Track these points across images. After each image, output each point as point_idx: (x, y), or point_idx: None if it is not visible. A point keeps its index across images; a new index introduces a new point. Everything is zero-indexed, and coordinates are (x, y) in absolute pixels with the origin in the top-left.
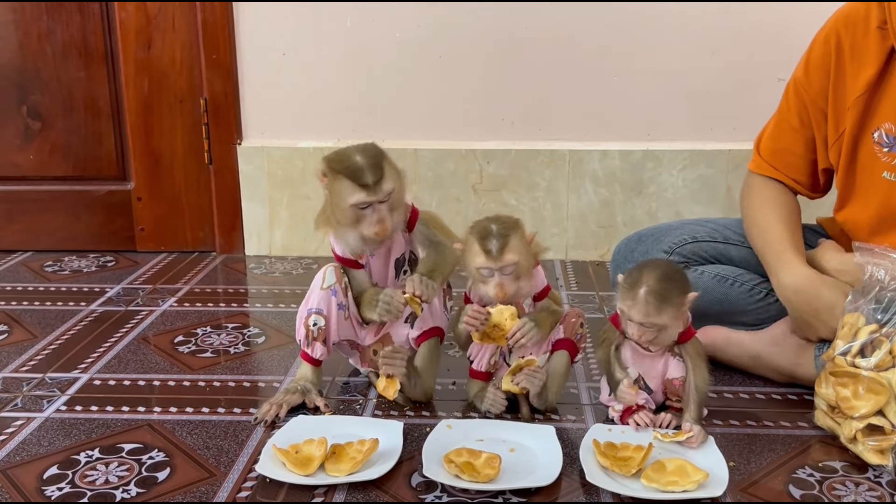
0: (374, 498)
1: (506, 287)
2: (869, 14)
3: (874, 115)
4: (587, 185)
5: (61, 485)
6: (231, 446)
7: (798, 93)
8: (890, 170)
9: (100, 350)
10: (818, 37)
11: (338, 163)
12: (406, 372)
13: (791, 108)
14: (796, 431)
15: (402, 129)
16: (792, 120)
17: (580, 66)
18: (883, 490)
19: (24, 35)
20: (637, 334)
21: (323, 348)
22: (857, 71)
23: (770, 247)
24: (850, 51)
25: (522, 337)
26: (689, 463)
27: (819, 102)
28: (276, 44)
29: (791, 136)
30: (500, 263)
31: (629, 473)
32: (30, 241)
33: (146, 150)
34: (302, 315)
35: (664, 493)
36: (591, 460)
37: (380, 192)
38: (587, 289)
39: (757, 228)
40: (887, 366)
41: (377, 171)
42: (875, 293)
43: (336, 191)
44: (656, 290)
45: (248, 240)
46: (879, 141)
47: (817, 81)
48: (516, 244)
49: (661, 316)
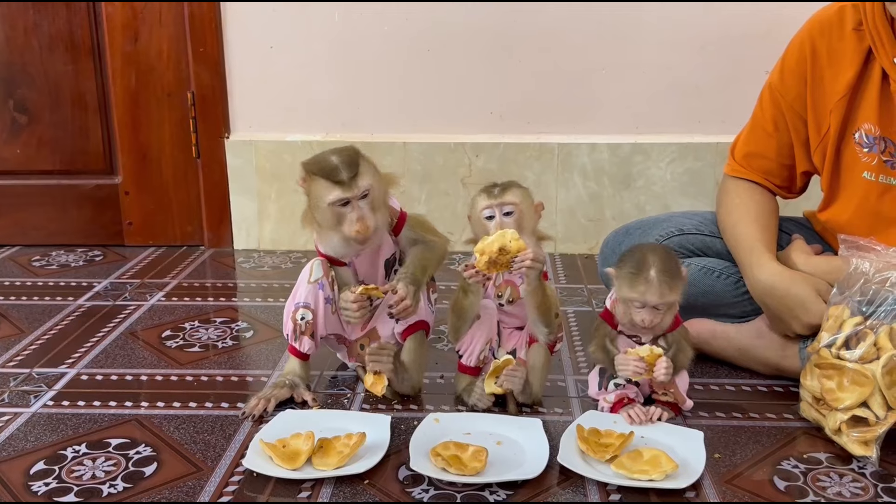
0: (360, 491)
1: (506, 227)
2: (843, 17)
3: (854, 116)
4: (576, 179)
5: (48, 480)
6: (218, 441)
7: (774, 98)
8: (869, 170)
9: (87, 345)
10: (793, 43)
11: (313, 164)
12: (393, 368)
13: (766, 113)
14: (782, 423)
15: (391, 123)
16: (766, 125)
17: (569, 60)
18: (867, 481)
19: (11, 29)
20: (649, 319)
21: (310, 342)
22: (836, 74)
23: (742, 246)
24: (827, 55)
25: (526, 259)
26: (665, 454)
27: (796, 107)
28: (264, 37)
29: (765, 140)
30: (499, 200)
31: (603, 459)
32: (17, 235)
33: (134, 145)
34: (289, 309)
35: (630, 479)
36: (570, 443)
37: (355, 187)
38: (576, 282)
39: (730, 228)
40: (872, 358)
41: (352, 168)
42: (860, 285)
43: (314, 193)
44: (666, 268)
45: (237, 234)
46: (860, 142)
47: (793, 87)
48: (519, 193)
49: (674, 293)
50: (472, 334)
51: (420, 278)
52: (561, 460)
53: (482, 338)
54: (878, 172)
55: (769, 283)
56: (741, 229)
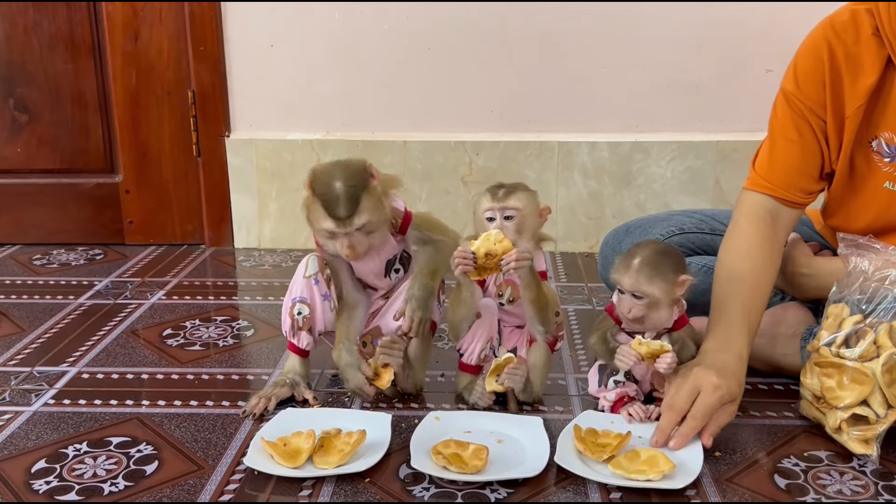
0: (361, 490)
1: (504, 232)
2: (858, 21)
3: (873, 124)
4: (576, 177)
5: (49, 479)
6: (219, 439)
7: (792, 103)
8: (891, 180)
9: (88, 343)
10: (804, 47)
11: (318, 184)
12: (402, 362)
13: (785, 120)
14: (782, 421)
15: (391, 121)
16: (788, 133)
17: (569, 58)
18: (867, 479)
19: (11, 27)
20: (627, 307)
21: (309, 337)
22: (855, 80)
23: (720, 310)
24: (844, 59)
25: (511, 261)
26: (662, 454)
27: (817, 111)
28: (264, 35)
29: (789, 148)
30: (502, 204)
31: (601, 459)
32: (18, 234)
33: (134, 143)
34: (286, 305)
35: (627, 479)
36: (568, 443)
37: (350, 225)
38: (576, 280)
39: (722, 281)
40: (871, 356)
41: (351, 205)
42: (859, 283)
43: (312, 210)
44: (650, 260)
45: (237, 232)
46: (879, 150)
47: (812, 92)
48: (523, 197)
49: (652, 286)
50: (473, 333)
51: (426, 297)
52: (558, 460)
53: (483, 336)
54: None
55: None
56: (730, 295)
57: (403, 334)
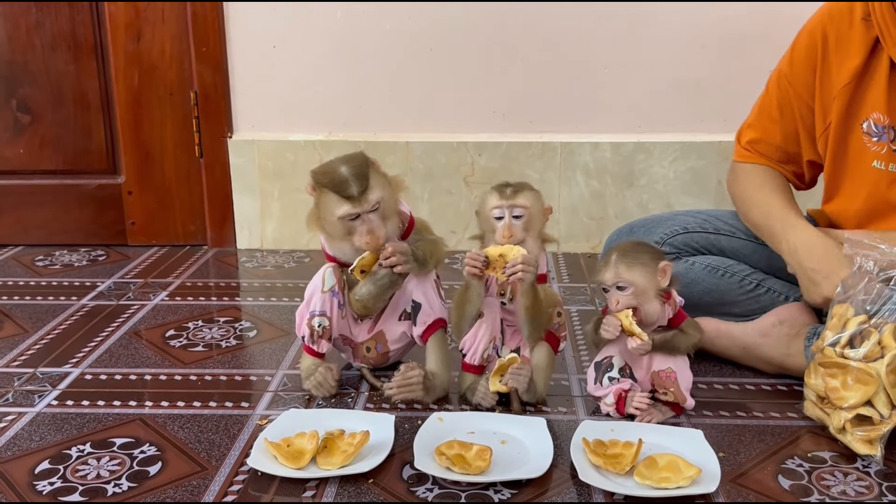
0: (365, 491)
1: (514, 230)
2: (853, 7)
3: (861, 105)
4: (578, 178)
5: (53, 479)
6: (223, 440)
7: (781, 84)
8: (879, 158)
9: (91, 344)
10: (803, 31)
11: (323, 175)
12: (425, 390)
13: (772, 98)
14: (786, 422)
15: (394, 122)
16: (772, 111)
17: (571, 59)
18: (871, 480)
19: (13, 28)
20: (614, 300)
21: (328, 344)
22: (842, 62)
23: (772, 217)
24: (835, 43)
25: (517, 269)
26: (681, 458)
27: (804, 96)
28: (267, 36)
29: (770, 126)
30: (511, 202)
31: (623, 472)
32: (20, 235)
33: (136, 144)
34: (304, 316)
35: (658, 489)
36: (583, 459)
37: (365, 202)
38: (579, 281)
39: (754, 205)
40: (876, 356)
41: (362, 182)
42: (864, 284)
43: (323, 205)
44: (626, 250)
45: (240, 233)
46: (868, 131)
47: (802, 74)
48: (531, 196)
49: (632, 272)
50: (476, 332)
51: (421, 258)
52: (584, 479)
53: (486, 336)
54: (888, 161)
55: (809, 243)
56: (768, 201)
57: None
